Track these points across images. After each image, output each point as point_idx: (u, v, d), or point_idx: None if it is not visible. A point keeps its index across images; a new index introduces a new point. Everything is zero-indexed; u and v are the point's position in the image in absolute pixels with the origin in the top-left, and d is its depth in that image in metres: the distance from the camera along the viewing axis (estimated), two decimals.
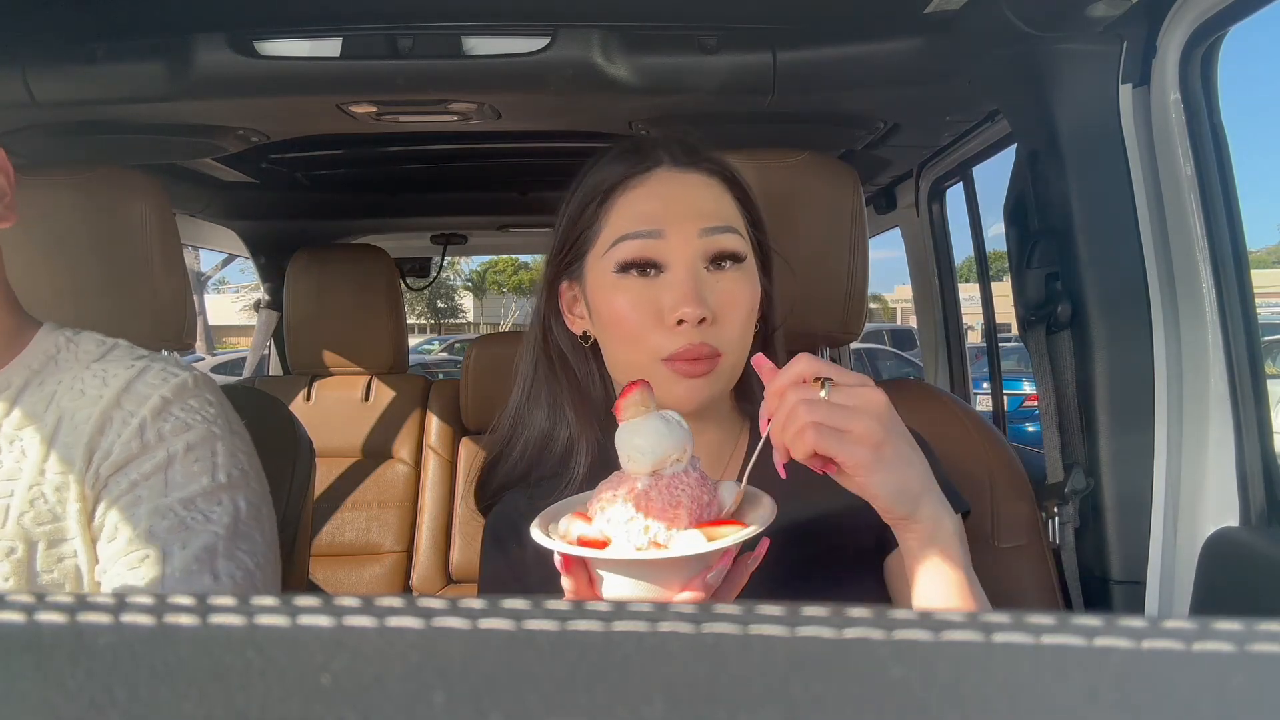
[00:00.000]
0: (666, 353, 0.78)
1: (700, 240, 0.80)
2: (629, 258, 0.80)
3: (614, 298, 0.81)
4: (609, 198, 0.83)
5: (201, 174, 2.08)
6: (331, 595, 0.18)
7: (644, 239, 0.80)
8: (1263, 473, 1.06)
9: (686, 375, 0.79)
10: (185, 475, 0.78)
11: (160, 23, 1.24)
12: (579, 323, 0.88)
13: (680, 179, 0.83)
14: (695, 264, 0.80)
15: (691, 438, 0.65)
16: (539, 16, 1.23)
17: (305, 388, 2.16)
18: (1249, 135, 59.08)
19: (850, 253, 1.11)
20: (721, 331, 0.80)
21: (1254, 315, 1.08)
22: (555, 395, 0.88)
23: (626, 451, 0.64)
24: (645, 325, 0.79)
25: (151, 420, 0.79)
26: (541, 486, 0.86)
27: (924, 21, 1.17)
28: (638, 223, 0.80)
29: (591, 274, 0.84)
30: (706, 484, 0.65)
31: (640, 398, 0.65)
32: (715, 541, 0.60)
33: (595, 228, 0.83)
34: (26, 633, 0.17)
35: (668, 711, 0.17)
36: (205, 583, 0.74)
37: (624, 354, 0.82)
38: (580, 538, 0.63)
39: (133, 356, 0.84)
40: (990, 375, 2.14)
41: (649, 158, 0.83)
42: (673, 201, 0.81)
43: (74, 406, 0.79)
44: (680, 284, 0.78)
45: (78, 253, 1.05)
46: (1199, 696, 0.17)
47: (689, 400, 0.79)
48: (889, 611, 0.18)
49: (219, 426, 0.82)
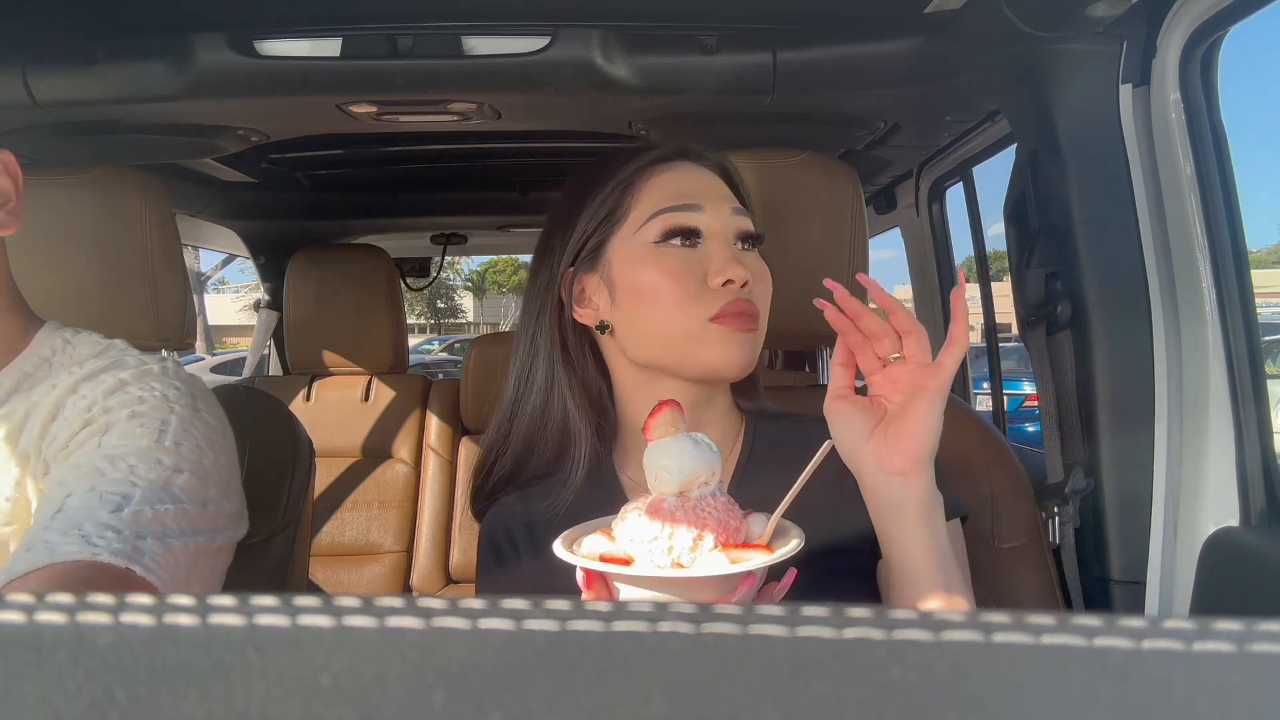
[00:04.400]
0: (713, 311, 0.81)
1: (733, 218, 0.85)
2: (672, 226, 0.83)
3: (651, 269, 0.83)
4: (636, 181, 0.86)
5: (201, 174, 2.08)
6: (331, 595, 0.18)
7: (685, 210, 0.84)
8: (1263, 473, 1.06)
9: (738, 329, 0.81)
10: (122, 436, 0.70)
11: (160, 23, 1.24)
12: (591, 314, 0.88)
13: (699, 170, 0.89)
14: (730, 237, 0.85)
15: (720, 461, 0.65)
16: (539, 16, 1.23)
17: (305, 388, 2.16)
18: (1249, 135, 59.15)
19: (850, 253, 1.11)
20: (759, 297, 0.85)
21: (1254, 315, 1.08)
22: (556, 392, 0.88)
23: (654, 471, 0.63)
24: (690, 291, 0.81)
25: (102, 397, 0.74)
26: (536, 488, 0.86)
27: (924, 21, 1.17)
28: (677, 197, 0.84)
29: (619, 254, 0.85)
30: (734, 509, 0.64)
31: (670, 417, 0.65)
32: (738, 565, 0.59)
33: (622, 210, 0.86)
34: (26, 633, 0.17)
35: (668, 711, 0.17)
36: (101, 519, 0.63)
37: (665, 324, 0.83)
38: (604, 555, 0.62)
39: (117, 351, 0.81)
40: (990, 375, 2.14)
41: (671, 151, 0.89)
42: (701, 185, 0.86)
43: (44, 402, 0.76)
44: (724, 252, 0.83)
45: (78, 253, 1.05)
46: (1199, 696, 0.17)
47: (740, 358, 0.82)
48: (889, 611, 0.18)
49: (180, 406, 0.75)
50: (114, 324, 0.92)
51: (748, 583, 0.61)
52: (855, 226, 1.11)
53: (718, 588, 0.60)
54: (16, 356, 0.81)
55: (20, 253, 0.88)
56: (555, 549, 0.64)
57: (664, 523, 0.61)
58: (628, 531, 0.63)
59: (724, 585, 0.60)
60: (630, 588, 0.62)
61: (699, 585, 0.60)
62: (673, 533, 0.61)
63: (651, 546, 0.61)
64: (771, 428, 0.90)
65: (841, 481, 0.76)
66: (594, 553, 0.63)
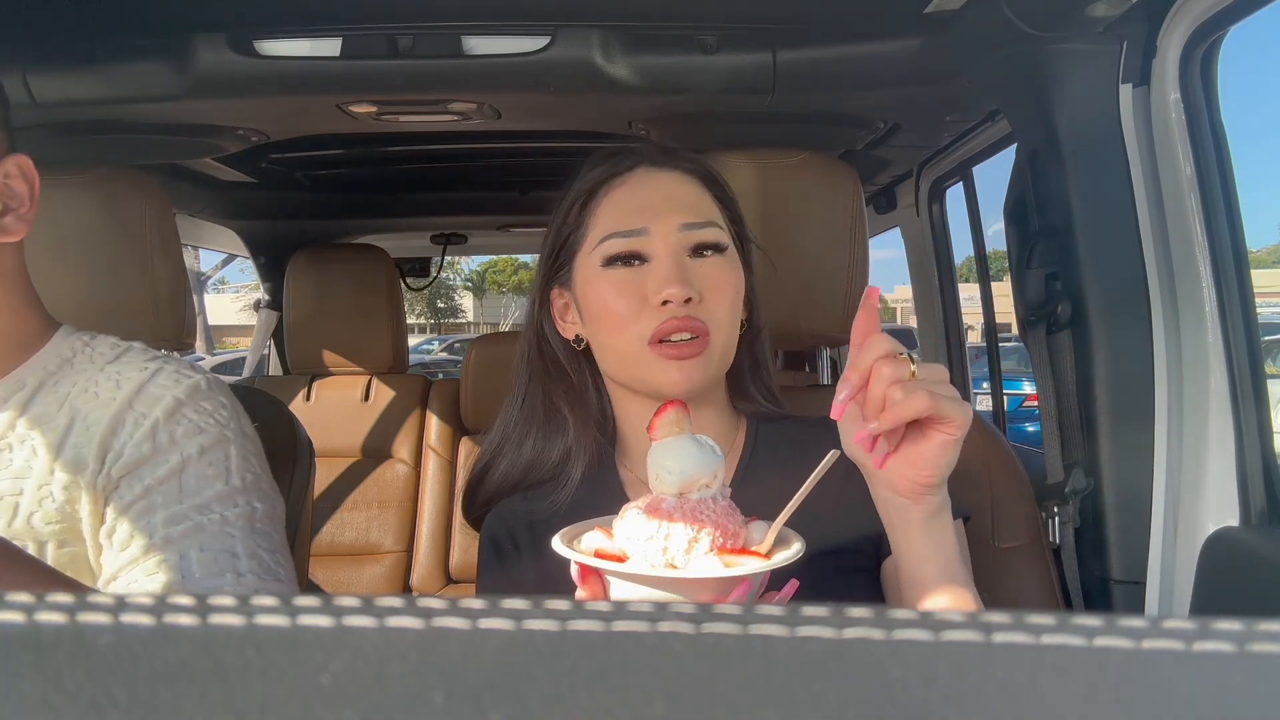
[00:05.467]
0: (651, 332, 0.80)
1: (681, 234, 0.83)
2: (614, 253, 0.83)
3: (601, 289, 0.83)
4: (592, 199, 0.86)
5: (201, 174, 2.08)
6: (331, 595, 0.18)
7: (628, 237, 0.83)
8: (1263, 473, 1.06)
9: (676, 358, 0.80)
10: (199, 480, 0.77)
11: (160, 23, 1.24)
12: (571, 328, 0.89)
13: (660, 177, 0.86)
14: (679, 253, 0.82)
15: (723, 464, 0.64)
16: (539, 16, 1.23)
17: (305, 388, 2.16)
18: (1249, 135, 59.16)
19: (850, 253, 1.11)
20: (708, 310, 0.82)
21: (1254, 315, 1.08)
22: (552, 401, 0.88)
23: (655, 471, 0.63)
24: (631, 310, 0.81)
25: (164, 422, 0.78)
26: (538, 492, 0.86)
27: (924, 21, 1.17)
28: (622, 221, 0.83)
29: (580, 272, 0.86)
30: (734, 515, 0.64)
31: (675, 417, 0.65)
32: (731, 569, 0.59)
33: (582, 229, 0.86)
34: (26, 633, 0.17)
35: (668, 711, 0.17)
36: (228, 581, 0.73)
37: (614, 344, 0.84)
38: (599, 550, 0.63)
39: (146, 359, 0.84)
40: (990, 375, 2.14)
41: (628, 158, 0.87)
42: (654, 199, 0.84)
43: (87, 408, 0.79)
44: (663, 268, 0.81)
45: (78, 252, 1.05)
46: (1199, 696, 0.17)
47: (683, 382, 0.80)
48: (889, 611, 0.18)
49: (231, 430, 0.82)
50: (114, 324, 0.92)
51: (742, 588, 0.60)
52: (855, 226, 1.11)
53: (710, 590, 0.60)
54: (33, 355, 0.82)
55: None
56: (554, 543, 0.64)
57: (661, 522, 0.61)
58: (625, 529, 0.63)
59: (717, 588, 0.60)
60: (623, 585, 0.62)
61: (691, 586, 0.60)
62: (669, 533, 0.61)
63: (647, 545, 0.61)
64: (772, 430, 0.90)
65: (847, 482, 0.75)
66: (591, 549, 0.63)
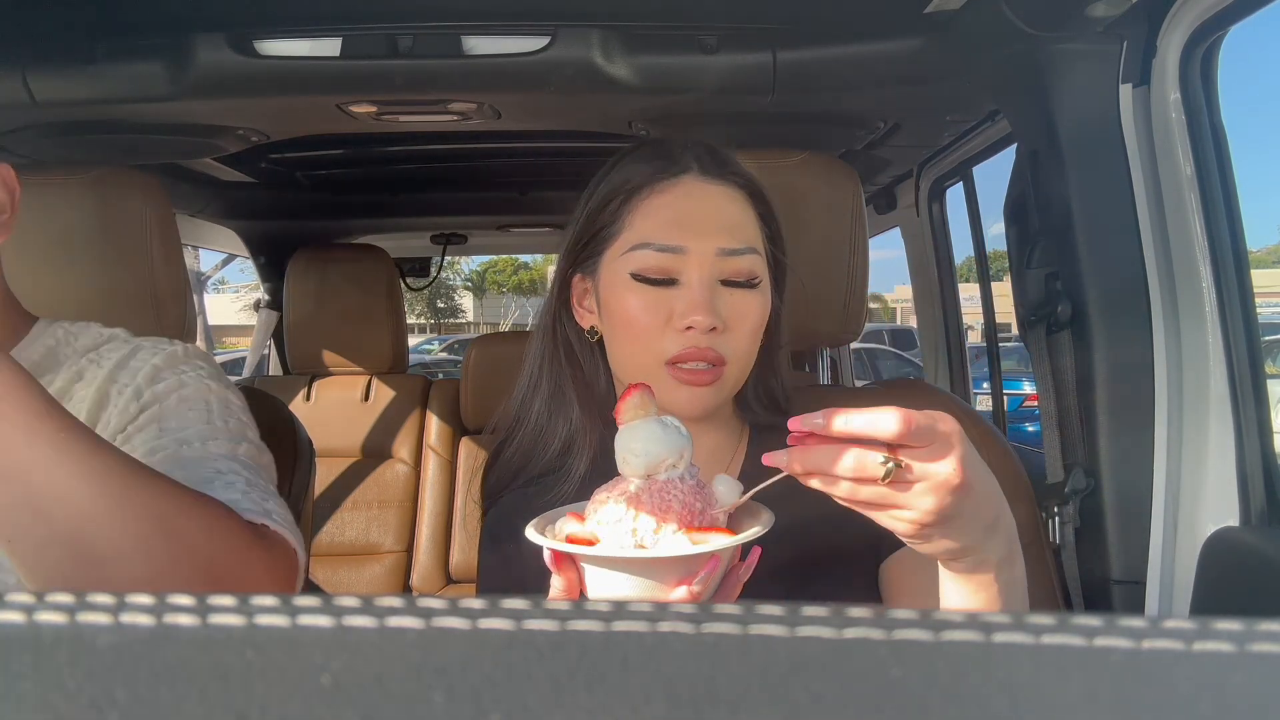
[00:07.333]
0: (670, 355, 0.79)
1: (718, 260, 0.80)
2: (645, 267, 0.80)
3: (626, 298, 0.81)
4: (632, 198, 0.83)
5: (201, 174, 2.08)
6: (331, 595, 0.18)
7: (664, 253, 0.80)
8: (1263, 473, 1.06)
9: (689, 383, 0.79)
10: (179, 420, 0.77)
11: (160, 23, 1.24)
12: (588, 317, 0.88)
13: (707, 190, 0.83)
14: (710, 279, 0.80)
15: (691, 444, 0.65)
16: (539, 16, 1.23)
17: (305, 388, 2.16)
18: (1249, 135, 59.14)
19: (850, 253, 1.11)
20: (729, 341, 0.80)
21: (1254, 315, 1.08)
22: (560, 387, 0.88)
23: (622, 454, 0.64)
24: (654, 329, 0.80)
25: (146, 385, 0.80)
26: (540, 483, 0.86)
27: (924, 21, 1.17)
28: (660, 233, 0.80)
29: (606, 272, 0.84)
30: (702, 492, 0.64)
31: (639, 400, 0.65)
32: (699, 546, 0.60)
33: (616, 226, 0.83)
34: (26, 633, 0.17)
35: (668, 711, 0.17)
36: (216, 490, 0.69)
37: (629, 354, 0.83)
38: (570, 535, 0.63)
39: (125, 339, 0.86)
40: (990, 375, 2.14)
41: (678, 163, 0.83)
42: (696, 214, 0.81)
43: (74, 391, 0.81)
44: (694, 295, 0.79)
45: (78, 252, 1.04)
46: (1199, 696, 0.17)
47: (691, 407, 0.80)
48: (889, 611, 0.18)
49: (215, 383, 0.83)
50: (114, 324, 0.92)
51: (711, 564, 0.61)
52: (855, 226, 1.11)
53: (679, 569, 0.61)
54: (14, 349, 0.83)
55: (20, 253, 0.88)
56: (527, 531, 0.64)
57: (628, 505, 0.62)
58: (596, 514, 0.64)
59: (686, 566, 0.61)
60: (595, 569, 0.62)
61: (660, 566, 0.60)
62: (636, 515, 0.61)
63: (616, 528, 0.61)
64: (775, 439, 0.89)
65: None
66: (564, 535, 0.64)
